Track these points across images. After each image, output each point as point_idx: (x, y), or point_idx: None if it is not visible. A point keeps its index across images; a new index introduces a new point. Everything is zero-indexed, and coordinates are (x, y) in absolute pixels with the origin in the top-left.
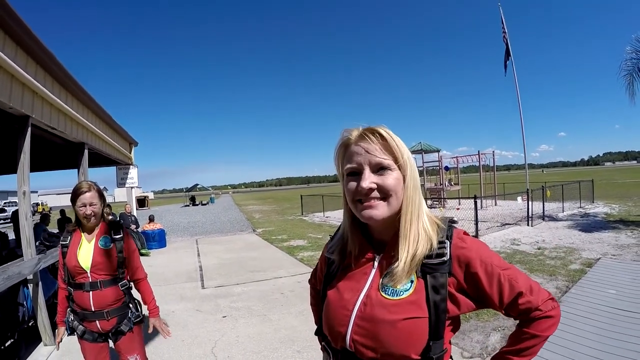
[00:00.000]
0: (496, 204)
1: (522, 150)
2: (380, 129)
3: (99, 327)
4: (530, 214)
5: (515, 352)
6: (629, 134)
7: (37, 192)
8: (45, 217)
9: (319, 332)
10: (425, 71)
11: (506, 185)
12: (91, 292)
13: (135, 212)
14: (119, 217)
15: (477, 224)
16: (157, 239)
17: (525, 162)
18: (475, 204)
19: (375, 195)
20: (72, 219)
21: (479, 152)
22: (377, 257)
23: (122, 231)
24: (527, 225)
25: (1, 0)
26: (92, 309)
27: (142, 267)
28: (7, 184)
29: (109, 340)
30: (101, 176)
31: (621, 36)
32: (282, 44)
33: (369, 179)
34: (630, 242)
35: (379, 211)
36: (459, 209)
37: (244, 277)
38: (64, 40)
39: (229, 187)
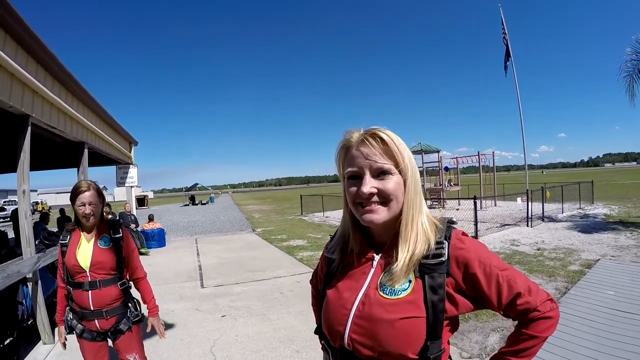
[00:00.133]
0: (496, 205)
1: (521, 151)
2: (381, 132)
3: (98, 326)
4: (529, 214)
5: (513, 352)
6: (629, 135)
7: (36, 190)
8: (44, 216)
9: (318, 331)
10: (425, 71)
11: (506, 186)
12: (90, 291)
13: (134, 212)
14: (118, 217)
15: (476, 225)
16: (156, 238)
17: (525, 163)
18: (474, 204)
19: (375, 199)
20: (72, 218)
21: (479, 152)
22: (377, 257)
23: (121, 230)
24: (527, 226)
25: None
26: (91, 308)
27: (142, 267)
28: (7, 182)
29: (108, 339)
30: (101, 175)
31: (621, 37)
32: (282, 43)
33: (370, 184)
34: (629, 243)
35: (380, 215)
36: (458, 210)
37: (243, 277)
38: (65, 39)
39: (229, 187)
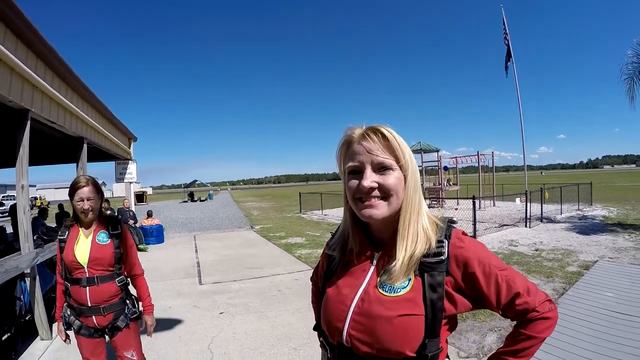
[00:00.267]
0: (494, 205)
1: (521, 151)
2: (382, 129)
3: (96, 323)
4: (528, 215)
5: (511, 353)
6: (629, 137)
7: (35, 186)
8: (43, 211)
9: (317, 328)
10: (425, 71)
11: (505, 186)
12: (88, 287)
13: (133, 208)
14: (117, 212)
15: (475, 225)
16: (155, 235)
17: (524, 164)
18: (473, 204)
19: (376, 194)
20: (71, 214)
21: (478, 152)
22: (376, 255)
23: (120, 226)
24: (525, 226)
25: None
26: (89, 305)
27: (140, 263)
28: (6, 177)
29: (106, 335)
30: (100, 171)
31: (622, 39)
32: (281, 42)
33: (370, 178)
34: (627, 245)
35: (379, 210)
36: (457, 209)
37: (242, 274)
38: (65, 33)
39: (228, 184)
